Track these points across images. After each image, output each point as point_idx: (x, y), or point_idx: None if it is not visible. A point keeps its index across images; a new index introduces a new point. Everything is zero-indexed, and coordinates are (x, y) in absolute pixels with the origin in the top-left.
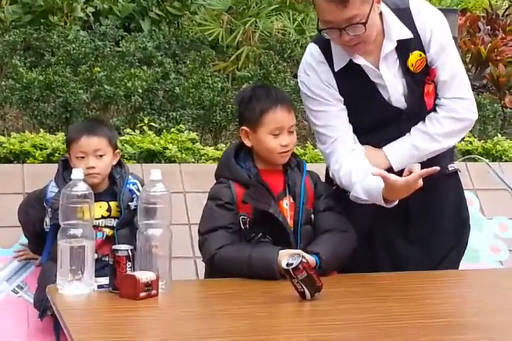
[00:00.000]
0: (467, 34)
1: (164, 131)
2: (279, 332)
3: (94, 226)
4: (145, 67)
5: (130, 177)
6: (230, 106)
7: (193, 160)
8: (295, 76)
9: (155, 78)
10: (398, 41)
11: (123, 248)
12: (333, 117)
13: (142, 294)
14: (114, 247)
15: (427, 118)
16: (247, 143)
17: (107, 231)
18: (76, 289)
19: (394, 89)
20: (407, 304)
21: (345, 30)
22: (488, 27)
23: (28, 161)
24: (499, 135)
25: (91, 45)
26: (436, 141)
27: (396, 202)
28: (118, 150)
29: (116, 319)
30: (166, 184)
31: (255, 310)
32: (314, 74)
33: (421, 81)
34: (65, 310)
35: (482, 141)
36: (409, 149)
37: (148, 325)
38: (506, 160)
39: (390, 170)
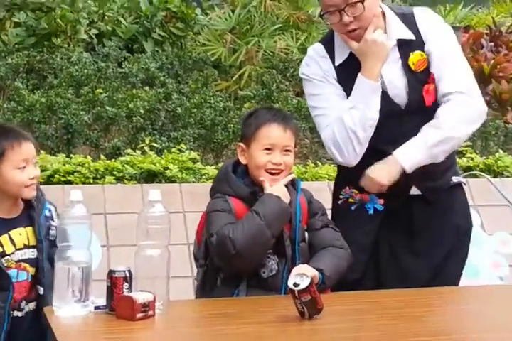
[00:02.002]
0: (470, 51)
1: (165, 151)
2: None
3: (17, 261)
4: (147, 88)
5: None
6: (231, 125)
7: (194, 179)
8: (297, 94)
9: (157, 98)
10: (399, 40)
11: (120, 269)
12: (329, 99)
13: (139, 315)
14: (111, 268)
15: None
16: (243, 160)
17: (30, 271)
18: (73, 310)
19: (393, 85)
20: (409, 321)
21: (345, 10)
22: (492, 44)
23: None
24: (501, 151)
25: (94, 66)
26: (439, 128)
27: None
28: None
29: (113, 340)
30: (165, 204)
31: (254, 329)
32: (315, 64)
33: (422, 80)
34: (61, 331)
35: (484, 157)
36: (416, 144)
37: None
38: (508, 176)
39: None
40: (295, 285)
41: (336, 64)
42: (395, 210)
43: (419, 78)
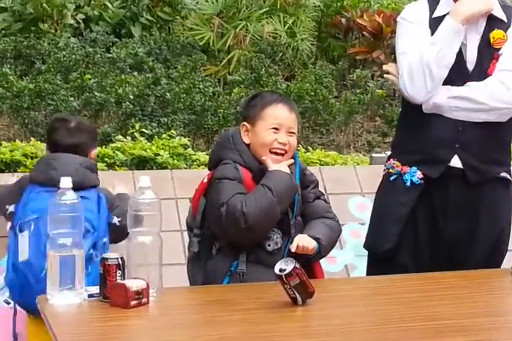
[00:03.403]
0: None
1: (156, 137)
2: (272, 338)
3: None
4: (136, 73)
5: None
6: (221, 110)
7: (185, 165)
8: (287, 79)
9: (146, 84)
10: (490, 16)
11: (113, 256)
12: (413, 40)
13: (133, 302)
14: (104, 255)
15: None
16: (246, 140)
17: None
18: (66, 299)
19: (471, 51)
20: (402, 307)
21: None
22: None
23: (19, 170)
24: None
25: (81, 51)
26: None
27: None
28: None
29: (107, 328)
30: (156, 190)
31: (247, 316)
32: (413, 9)
33: (493, 56)
34: (54, 319)
35: None
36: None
37: (139, 333)
38: None
39: None
40: (281, 270)
41: (434, 16)
42: (433, 187)
43: (492, 52)
